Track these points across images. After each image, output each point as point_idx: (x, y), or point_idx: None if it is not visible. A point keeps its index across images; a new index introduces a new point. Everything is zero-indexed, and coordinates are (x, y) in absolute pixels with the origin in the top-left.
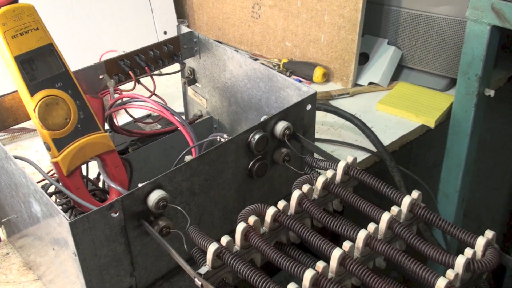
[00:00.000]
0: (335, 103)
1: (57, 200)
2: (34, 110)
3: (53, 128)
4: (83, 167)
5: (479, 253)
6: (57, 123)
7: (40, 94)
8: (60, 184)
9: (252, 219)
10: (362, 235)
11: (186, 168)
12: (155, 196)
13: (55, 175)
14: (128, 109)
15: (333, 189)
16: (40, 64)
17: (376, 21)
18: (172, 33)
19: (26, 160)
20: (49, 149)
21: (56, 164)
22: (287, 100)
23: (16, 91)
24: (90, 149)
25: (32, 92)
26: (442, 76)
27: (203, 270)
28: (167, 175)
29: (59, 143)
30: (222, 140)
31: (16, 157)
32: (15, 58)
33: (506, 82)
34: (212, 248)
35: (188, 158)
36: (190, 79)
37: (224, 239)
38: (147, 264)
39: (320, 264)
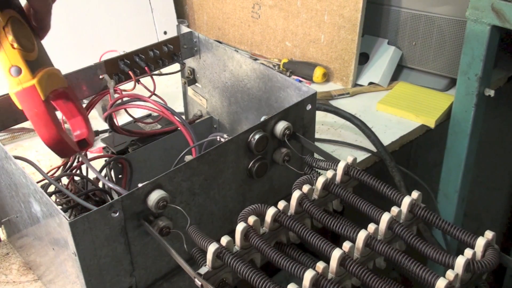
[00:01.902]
0: (335, 103)
1: (57, 200)
2: (4, 27)
3: (25, 48)
4: (83, 167)
5: (479, 254)
6: (27, 45)
7: (10, 12)
8: (60, 183)
9: (252, 219)
10: (362, 235)
11: (186, 168)
12: (155, 196)
13: (55, 175)
14: (128, 109)
15: (333, 189)
16: None
17: (376, 21)
18: (172, 33)
19: (26, 160)
20: (18, 73)
21: (28, 90)
22: (287, 100)
23: None
24: (57, 79)
25: (2, 6)
26: (442, 76)
27: (203, 270)
28: (167, 175)
29: (32, 65)
30: (222, 140)
31: (16, 157)
32: None
33: (506, 82)
34: (212, 248)
35: (188, 158)
36: (190, 79)
37: (224, 239)
38: (147, 264)
39: (320, 265)
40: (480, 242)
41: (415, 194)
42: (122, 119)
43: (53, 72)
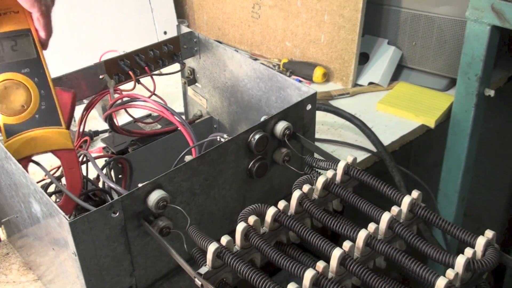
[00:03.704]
0: (335, 103)
1: (57, 200)
2: None
3: (6, 113)
4: (83, 167)
5: (479, 253)
6: (12, 108)
7: (2, 76)
8: (60, 183)
9: (252, 219)
10: (362, 235)
11: (186, 168)
12: (155, 196)
13: (55, 175)
14: (128, 109)
15: (333, 189)
16: (12, 47)
17: (376, 21)
18: (172, 33)
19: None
20: (1, 134)
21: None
22: (287, 100)
23: None
24: (42, 143)
25: None
26: (442, 76)
27: (203, 270)
28: (167, 175)
29: (10, 130)
30: (222, 140)
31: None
32: None
33: (506, 82)
34: (212, 248)
35: (188, 158)
36: (190, 79)
37: (224, 239)
38: (147, 264)
39: (321, 264)
40: (480, 242)
41: (415, 193)
42: (122, 119)
43: (36, 137)
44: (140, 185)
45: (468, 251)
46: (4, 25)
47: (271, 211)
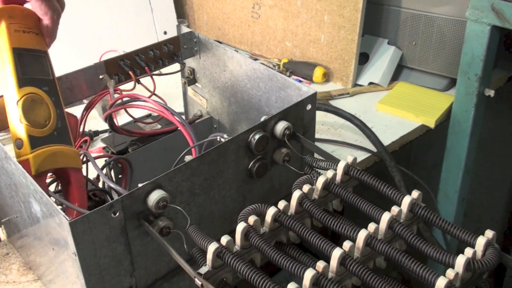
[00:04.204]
0: (335, 103)
1: (57, 200)
2: (17, 102)
3: (33, 124)
4: (83, 167)
5: (479, 253)
6: (38, 121)
7: (28, 89)
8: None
9: (252, 219)
10: (362, 235)
11: (186, 168)
12: (155, 196)
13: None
14: (128, 109)
15: (333, 189)
16: (33, 64)
17: (376, 21)
18: (172, 33)
19: None
20: (20, 146)
21: (24, 163)
22: (287, 100)
23: None
24: (62, 158)
25: (21, 84)
26: (442, 76)
27: (203, 270)
28: (167, 175)
29: (34, 141)
30: (222, 140)
31: None
32: (13, 48)
33: (506, 82)
34: (212, 248)
35: (188, 158)
36: (190, 79)
37: (224, 239)
38: (147, 264)
39: (321, 264)
40: (481, 241)
41: (415, 193)
42: (122, 119)
43: (57, 151)
44: (140, 185)
45: (468, 251)
46: (27, 42)
47: (271, 211)
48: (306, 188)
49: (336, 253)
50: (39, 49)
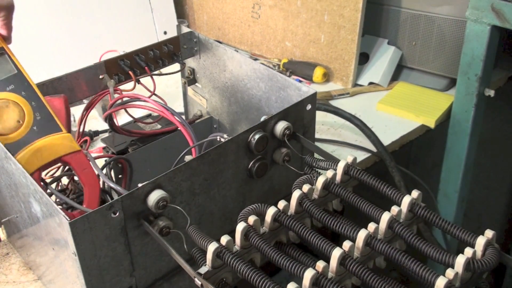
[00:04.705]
0: (335, 103)
1: (57, 200)
2: None
3: (4, 133)
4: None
5: (479, 253)
6: (8, 126)
7: None
8: (60, 183)
9: (252, 219)
10: (362, 234)
11: (186, 168)
12: (155, 196)
13: (55, 175)
14: (128, 109)
15: (333, 189)
16: None
17: (376, 21)
18: (172, 33)
19: None
20: None
21: None
22: (287, 100)
23: None
24: (48, 152)
25: None
26: (442, 76)
27: (203, 270)
28: (167, 175)
29: (13, 148)
30: (222, 140)
31: None
32: None
33: (506, 82)
34: (212, 247)
35: (188, 158)
36: (190, 79)
37: (224, 239)
38: (147, 264)
39: (320, 264)
40: (480, 241)
41: (415, 193)
42: (122, 119)
43: (41, 147)
44: (140, 185)
45: (468, 251)
46: None
47: (271, 211)
48: (306, 188)
49: (336, 253)
50: None
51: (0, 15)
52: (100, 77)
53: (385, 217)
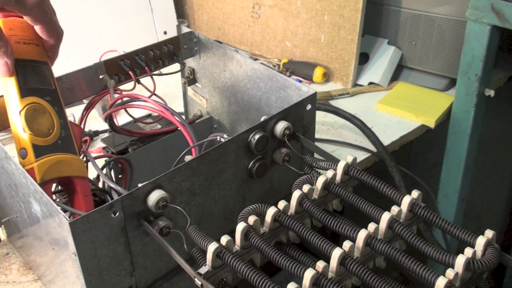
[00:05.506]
0: (335, 103)
1: (57, 200)
2: (20, 112)
3: (36, 133)
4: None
5: (479, 253)
6: (41, 130)
7: (30, 99)
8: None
9: (252, 219)
10: (362, 234)
11: (186, 168)
12: (155, 196)
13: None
14: (128, 109)
15: (333, 189)
16: (34, 74)
17: (376, 21)
18: (172, 33)
19: None
20: (24, 156)
21: (29, 172)
22: (287, 100)
23: None
24: (67, 167)
25: (23, 94)
26: (442, 76)
27: (203, 270)
28: (167, 175)
29: (39, 150)
30: (222, 140)
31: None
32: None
33: (506, 82)
34: (212, 247)
35: (188, 158)
36: (190, 79)
37: (224, 239)
38: (147, 264)
39: (320, 264)
40: (480, 241)
41: (415, 193)
42: (122, 119)
43: (62, 160)
44: (140, 185)
45: (468, 251)
46: (28, 53)
47: (271, 211)
48: (306, 188)
49: (336, 253)
50: (40, 60)
51: (51, 40)
52: (100, 77)
53: (385, 217)
